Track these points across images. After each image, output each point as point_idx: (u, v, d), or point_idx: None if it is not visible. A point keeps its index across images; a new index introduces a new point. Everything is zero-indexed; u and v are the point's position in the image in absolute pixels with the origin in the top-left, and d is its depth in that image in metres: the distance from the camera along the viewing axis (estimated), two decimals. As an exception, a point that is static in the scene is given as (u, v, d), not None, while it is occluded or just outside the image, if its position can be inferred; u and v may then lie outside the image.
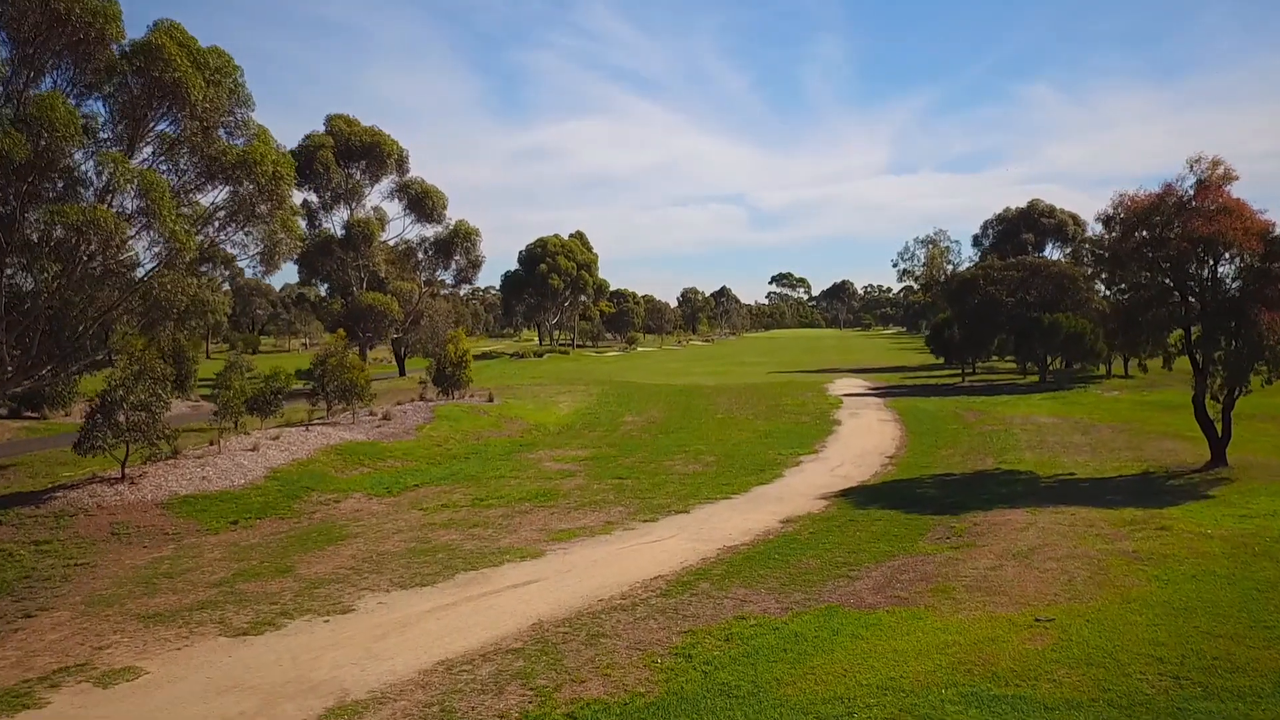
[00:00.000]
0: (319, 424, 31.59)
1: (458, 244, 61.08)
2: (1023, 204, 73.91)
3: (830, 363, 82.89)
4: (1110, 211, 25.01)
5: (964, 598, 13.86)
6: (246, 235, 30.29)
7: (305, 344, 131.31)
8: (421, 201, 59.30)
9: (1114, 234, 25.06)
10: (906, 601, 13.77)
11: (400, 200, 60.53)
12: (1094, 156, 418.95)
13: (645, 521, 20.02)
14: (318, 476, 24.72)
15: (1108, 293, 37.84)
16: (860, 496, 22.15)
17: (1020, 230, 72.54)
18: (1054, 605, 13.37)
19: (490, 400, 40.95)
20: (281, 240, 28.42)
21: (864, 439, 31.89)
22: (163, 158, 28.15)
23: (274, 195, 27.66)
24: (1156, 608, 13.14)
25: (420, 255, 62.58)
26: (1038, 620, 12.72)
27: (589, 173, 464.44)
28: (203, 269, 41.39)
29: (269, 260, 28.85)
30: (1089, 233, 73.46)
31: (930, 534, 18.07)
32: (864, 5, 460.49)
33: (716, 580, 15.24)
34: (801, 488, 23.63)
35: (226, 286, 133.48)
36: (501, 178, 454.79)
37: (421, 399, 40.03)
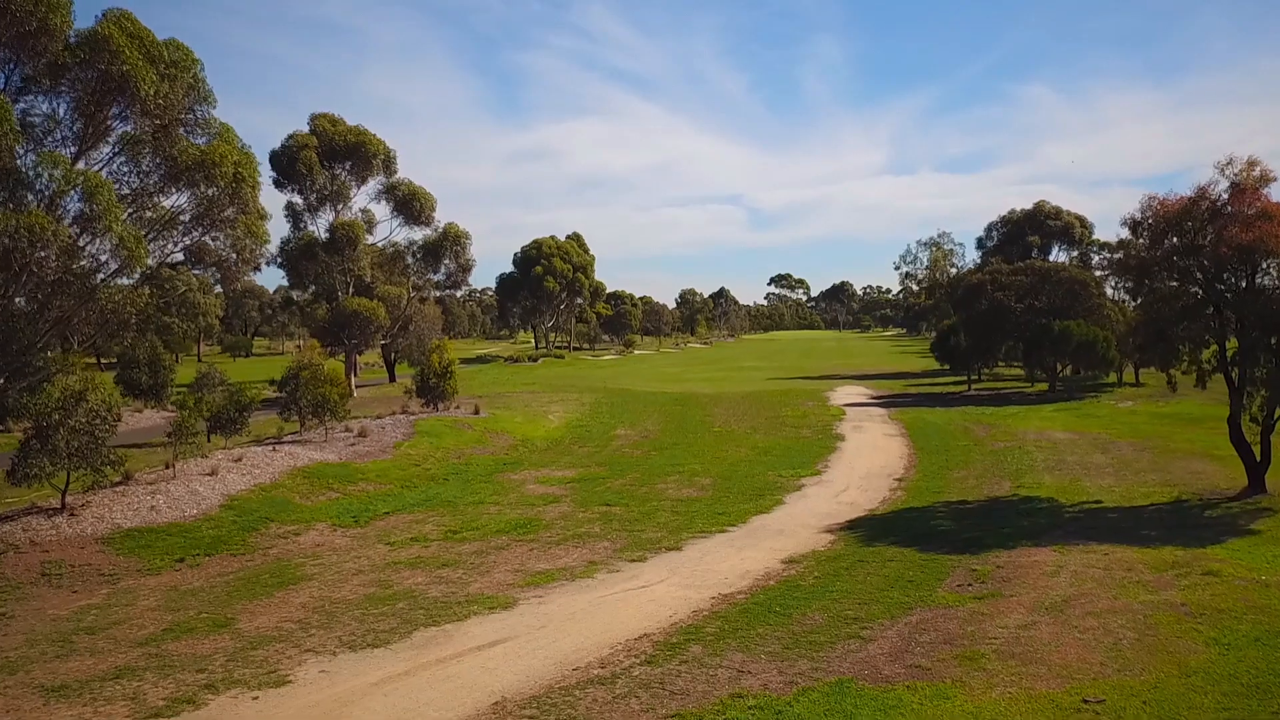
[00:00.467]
0: (289, 441, 29.65)
1: (447, 247, 59.14)
2: (1028, 206, 72.08)
3: (831, 368, 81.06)
4: (1138, 216, 23.13)
5: (996, 668, 11.96)
6: (213, 240, 28.49)
7: (299, 346, 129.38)
8: (409, 203, 57.32)
9: (1142, 240, 23.17)
10: (930, 674, 11.86)
11: (387, 202, 58.60)
12: (1092, 157, 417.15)
13: (633, 561, 18.10)
14: (279, 504, 22.78)
15: (1127, 300, 35.92)
16: (868, 529, 20.24)
17: (1025, 232, 70.61)
18: (1101, 680, 11.47)
19: (476, 413, 39.03)
20: (246, 246, 26.55)
21: (869, 458, 29.99)
22: (123, 158, 26.38)
23: (236, 198, 25.81)
24: (1222, 683, 11.26)
25: (409, 259, 60.63)
26: (1086, 702, 10.82)
27: (587, 173, 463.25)
28: (195, 272, 39.51)
29: (232, 267, 27.00)
30: (1098, 235, 71.68)
31: (950, 579, 16.17)
32: (861, 6, 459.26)
33: (710, 642, 13.32)
34: (804, 517, 21.72)
35: (218, 289, 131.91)
36: (499, 179, 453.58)
37: (404, 411, 38.12)
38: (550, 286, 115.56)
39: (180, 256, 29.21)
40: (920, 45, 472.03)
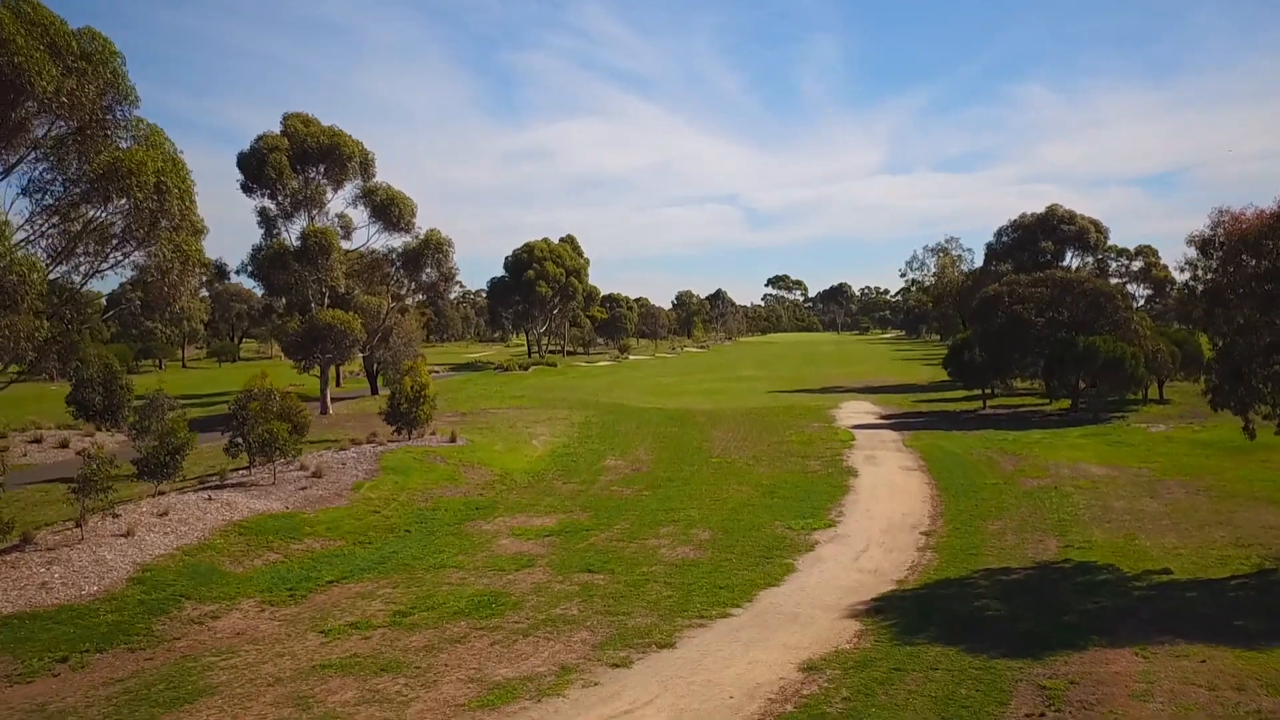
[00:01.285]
0: (232, 485, 26.19)
1: (428, 256, 55.62)
2: (1039, 209, 68.76)
3: (833, 378, 77.74)
4: (1208, 233, 19.82)
5: None
6: (150, 258, 25.15)
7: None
8: (387, 209, 53.83)
9: (1213, 262, 19.84)
10: None
11: (365, 207, 55.09)
12: (1088, 156, 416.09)
13: (615, 665, 14.69)
14: (203, 574, 19.37)
15: (1144, 306, 32.59)
16: (901, 614, 16.84)
17: (1038, 237, 67.24)
18: None
19: (452, 440, 35.60)
20: (173, 266, 23.12)
21: (889, 502, 26.62)
22: (45, 165, 23.17)
23: (163, 212, 22.43)
24: None
25: (388, 267, 57.13)
26: None
27: (584, 173, 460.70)
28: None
29: (157, 292, 23.63)
30: (1112, 240, 68.42)
31: (1015, 701, 12.79)
32: (859, 5, 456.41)
33: (712, 824, 9.95)
34: (821, 593, 18.33)
35: (204, 292, 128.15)
36: (497, 178, 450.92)
37: (371, 440, 34.66)
38: (542, 291, 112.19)
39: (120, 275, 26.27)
40: (917, 45, 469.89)
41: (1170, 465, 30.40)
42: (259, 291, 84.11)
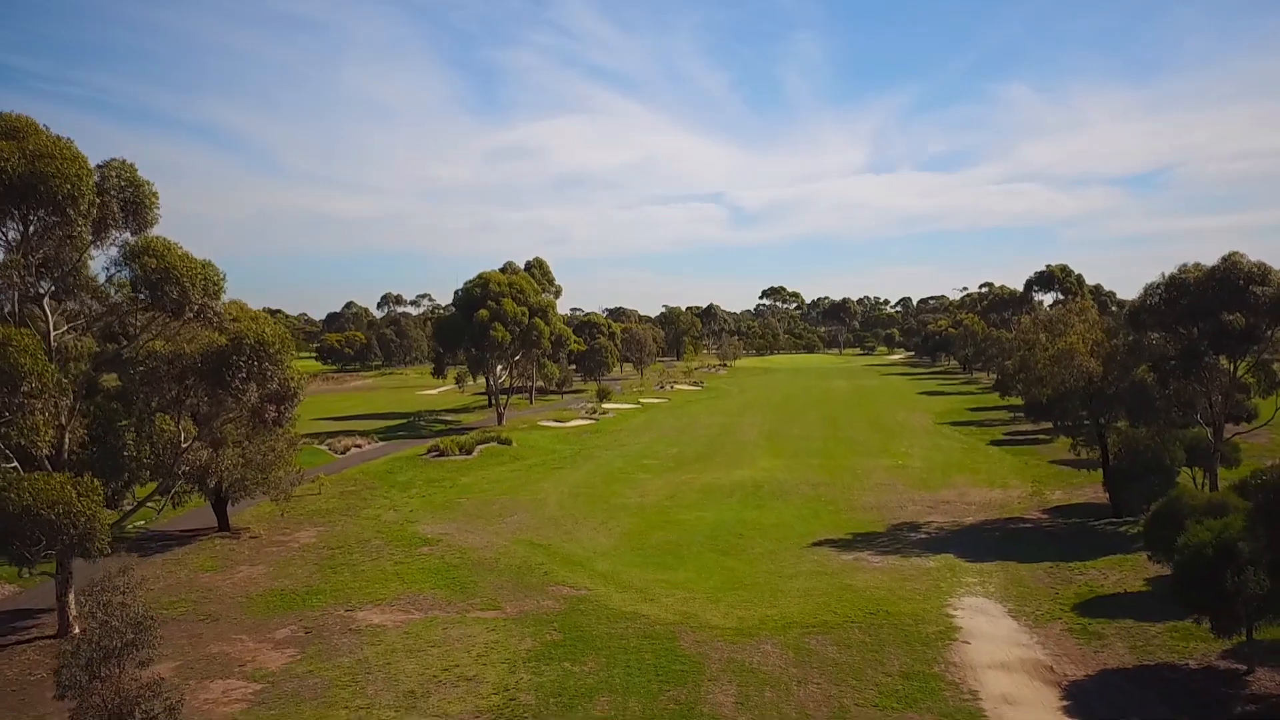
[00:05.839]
0: None
1: (240, 364, 31.75)
2: (1210, 260, 45.54)
3: (886, 484, 54.30)
4: None
5: None
6: None
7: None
8: (159, 287, 30.02)
9: None
10: None
11: (139, 280, 31.16)
12: (1070, 156, 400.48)
13: None
14: None
15: None
16: None
17: (1214, 304, 43.96)
18: None
19: None
20: None
21: None
22: None
23: None
24: None
25: (175, 381, 33.21)
26: None
27: (568, 171, 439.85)
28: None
29: None
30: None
31: None
32: (841, 3, 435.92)
33: None
34: None
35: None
36: (481, 176, 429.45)
37: None
38: (498, 336, 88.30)
39: None
40: (900, 44, 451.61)
41: None
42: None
